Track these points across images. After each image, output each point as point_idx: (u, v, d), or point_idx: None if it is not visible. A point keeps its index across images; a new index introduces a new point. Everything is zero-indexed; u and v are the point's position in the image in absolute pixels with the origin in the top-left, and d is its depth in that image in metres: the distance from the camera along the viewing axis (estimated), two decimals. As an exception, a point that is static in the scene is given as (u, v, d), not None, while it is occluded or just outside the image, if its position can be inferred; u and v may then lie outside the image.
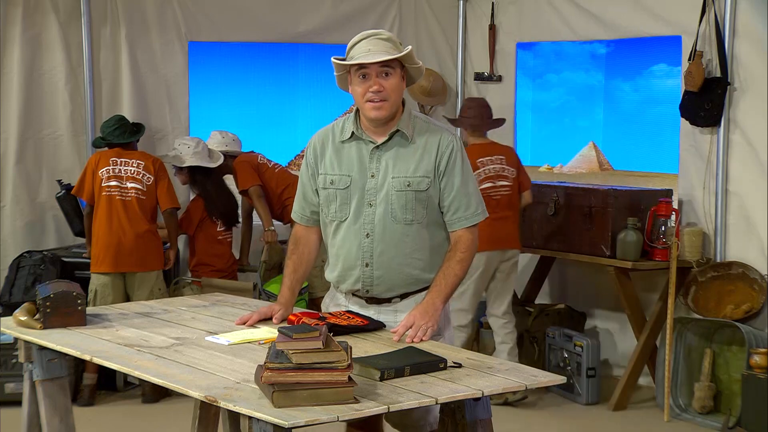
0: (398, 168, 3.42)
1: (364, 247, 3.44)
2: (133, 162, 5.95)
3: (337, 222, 3.49)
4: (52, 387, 3.55)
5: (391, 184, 3.41)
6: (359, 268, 3.46)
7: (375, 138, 3.45)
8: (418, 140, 3.44)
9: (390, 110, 3.38)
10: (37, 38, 6.43)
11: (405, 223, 3.42)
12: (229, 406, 2.61)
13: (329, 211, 3.51)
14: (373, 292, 3.49)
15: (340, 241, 3.49)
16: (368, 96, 3.35)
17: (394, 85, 3.35)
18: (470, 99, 6.48)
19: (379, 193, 3.42)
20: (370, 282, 3.47)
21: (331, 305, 3.63)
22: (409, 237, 3.43)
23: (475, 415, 3.00)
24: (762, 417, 5.03)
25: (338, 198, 3.47)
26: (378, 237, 3.43)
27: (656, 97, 6.60)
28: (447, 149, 3.43)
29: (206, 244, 6.30)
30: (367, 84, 3.34)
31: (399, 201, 3.41)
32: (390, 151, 3.44)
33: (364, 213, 3.44)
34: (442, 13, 7.20)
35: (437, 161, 3.42)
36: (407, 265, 3.45)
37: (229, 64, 7.26)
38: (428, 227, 3.46)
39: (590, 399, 5.98)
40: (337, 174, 3.47)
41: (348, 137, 3.47)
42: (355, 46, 3.38)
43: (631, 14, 6.27)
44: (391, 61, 3.33)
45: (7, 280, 6.13)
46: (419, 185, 3.41)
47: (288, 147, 7.33)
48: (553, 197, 6.11)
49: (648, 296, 6.15)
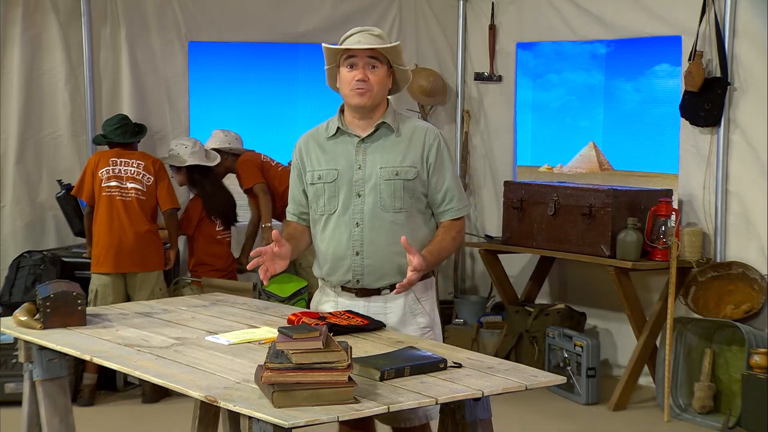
0: (386, 158, 3.52)
1: (354, 236, 3.52)
2: (133, 162, 5.95)
3: (327, 215, 3.57)
4: (52, 387, 3.55)
5: (379, 174, 3.51)
6: (350, 257, 3.52)
7: (359, 132, 3.56)
8: (404, 131, 3.57)
9: (373, 100, 3.50)
10: (37, 38, 6.43)
11: (394, 211, 3.52)
12: (229, 406, 2.62)
13: (318, 206, 3.59)
14: (364, 282, 3.54)
15: (330, 233, 3.57)
16: (353, 84, 3.47)
17: (379, 79, 3.49)
18: None
19: (367, 184, 3.52)
20: (360, 271, 3.53)
21: (322, 300, 3.68)
22: (398, 225, 3.51)
23: (475, 415, 3.00)
24: (762, 417, 5.03)
25: (326, 191, 3.56)
26: (368, 226, 3.51)
27: (658, 97, 6.60)
28: (434, 142, 3.56)
29: (205, 243, 6.30)
30: (353, 73, 3.47)
31: (388, 190, 3.50)
32: (376, 143, 3.55)
33: (353, 203, 3.52)
34: (442, 13, 7.21)
35: (425, 153, 3.54)
36: (397, 254, 3.49)
37: (229, 64, 7.27)
38: (415, 216, 3.55)
39: (590, 399, 5.98)
40: (324, 169, 3.57)
41: (333, 133, 3.59)
42: (347, 39, 3.52)
43: (631, 14, 6.28)
44: (379, 56, 3.48)
45: (7, 280, 6.13)
46: (407, 174, 3.52)
47: (288, 147, 7.26)
48: (553, 197, 6.11)
49: (648, 296, 6.15)
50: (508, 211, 6.38)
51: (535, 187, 6.29)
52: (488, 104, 7.16)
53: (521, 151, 7.18)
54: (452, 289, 7.30)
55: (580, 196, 5.98)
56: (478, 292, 7.32)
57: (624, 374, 5.97)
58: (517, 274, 6.93)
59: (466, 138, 7.19)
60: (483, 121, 7.20)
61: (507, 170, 7.08)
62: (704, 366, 5.64)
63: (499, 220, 6.56)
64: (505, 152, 7.13)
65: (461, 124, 7.24)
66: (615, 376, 6.35)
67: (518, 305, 6.63)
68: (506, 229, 6.42)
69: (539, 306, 6.56)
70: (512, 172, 7.09)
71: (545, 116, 7.33)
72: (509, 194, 6.38)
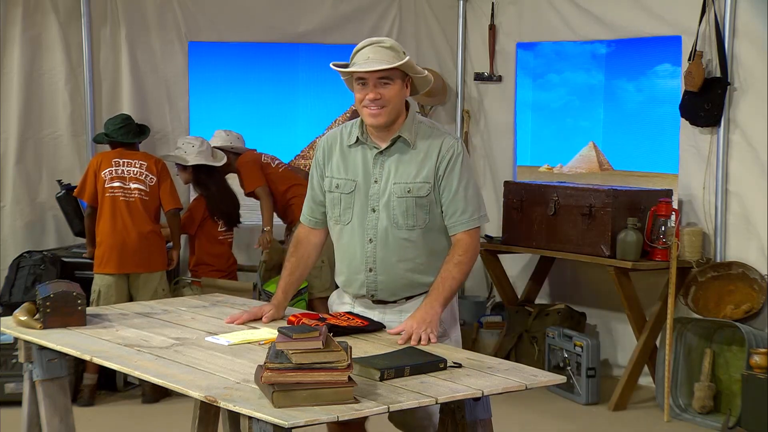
0: (400, 174, 3.44)
1: (367, 252, 3.48)
2: (136, 162, 5.95)
3: (341, 225, 3.54)
4: (52, 387, 3.56)
5: (392, 190, 3.44)
6: (363, 273, 3.50)
7: (379, 143, 3.48)
8: (420, 146, 3.46)
9: (388, 117, 3.40)
10: (37, 38, 6.43)
11: (407, 228, 3.45)
12: (229, 406, 2.62)
13: (333, 214, 3.56)
14: (378, 297, 3.52)
15: (345, 246, 3.54)
16: (365, 103, 3.38)
17: (392, 94, 3.37)
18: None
19: (381, 199, 3.45)
20: (374, 287, 3.50)
21: (337, 302, 3.68)
22: (411, 242, 3.46)
23: (475, 415, 3.01)
24: (762, 417, 5.02)
25: (342, 202, 3.51)
26: (381, 243, 3.46)
27: (659, 97, 6.60)
28: (448, 153, 3.45)
29: (207, 243, 6.30)
30: (365, 91, 3.37)
31: (400, 207, 3.44)
32: (392, 156, 3.47)
33: (368, 218, 3.47)
34: (442, 13, 7.20)
35: (437, 166, 3.44)
36: (410, 270, 3.47)
37: (229, 64, 7.27)
38: (431, 232, 3.48)
39: (590, 399, 5.98)
40: (343, 178, 3.51)
41: (354, 142, 3.51)
42: (358, 53, 3.40)
43: (631, 14, 6.27)
44: (391, 71, 3.35)
45: (7, 280, 6.13)
46: (419, 191, 3.43)
47: (288, 147, 7.33)
48: (553, 197, 6.11)
49: (648, 296, 6.15)
50: (508, 211, 6.38)
51: (535, 187, 6.29)
52: (488, 104, 7.16)
53: (521, 151, 7.18)
54: (452, 289, 7.28)
55: (580, 196, 5.97)
56: (478, 292, 7.32)
57: (624, 374, 5.97)
58: (517, 274, 6.92)
59: (466, 138, 7.18)
60: (483, 121, 7.20)
61: (507, 170, 7.08)
62: (704, 366, 5.64)
63: (499, 220, 6.56)
64: (505, 152, 7.13)
65: (461, 124, 7.23)
66: (615, 376, 6.35)
67: (518, 305, 6.63)
68: (506, 229, 6.42)
69: (539, 306, 6.56)
70: (512, 172, 7.09)
71: (545, 116, 7.33)
72: (509, 194, 6.38)
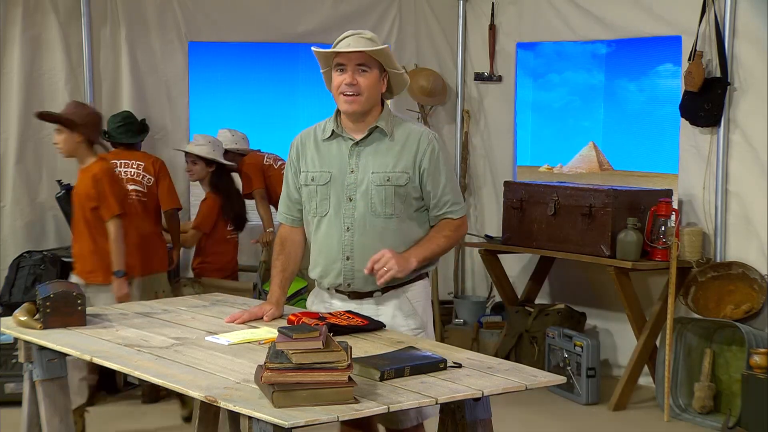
0: (378, 163, 3.51)
1: (344, 240, 3.52)
2: (133, 163, 5.94)
3: (318, 217, 3.58)
4: (52, 387, 3.56)
5: (371, 179, 3.50)
6: (341, 261, 3.53)
7: (354, 135, 3.55)
8: (398, 136, 3.54)
9: (363, 106, 3.47)
10: (37, 38, 6.42)
11: (385, 216, 3.51)
12: (229, 406, 2.62)
13: (310, 207, 3.60)
14: (354, 286, 3.56)
15: (322, 237, 3.58)
16: (342, 88, 3.46)
17: (369, 83, 3.46)
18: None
19: (359, 188, 3.51)
20: (351, 275, 3.54)
21: (316, 302, 3.71)
22: (388, 231, 3.51)
23: (475, 415, 3.00)
24: (762, 417, 5.02)
25: (318, 194, 3.56)
26: (358, 231, 3.51)
27: (660, 97, 6.61)
28: (428, 147, 3.53)
29: (214, 243, 6.27)
30: (342, 77, 3.45)
31: (379, 196, 3.49)
32: (369, 146, 3.54)
33: (344, 207, 3.52)
34: (442, 13, 7.20)
35: (418, 159, 3.52)
36: None
37: (229, 64, 7.28)
38: (405, 222, 3.54)
39: (590, 399, 5.98)
40: (318, 171, 3.58)
41: (329, 135, 3.58)
42: (340, 42, 3.49)
43: (631, 14, 6.28)
44: (369, 60, 3.44)
45: (7, 280, 6.13)
46: (398, 180, 3.50)
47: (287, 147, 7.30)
48: (553, 197, 6.11)
49: (648, 296, 6.15)
50: (508, 211, 6.38)
51: (535, 187, 6.29)
52: (488, 104, 7.16)
53: (521, 151, 7.18)
54: (452, 289, 7.30)
55: (580, 196, 5.97)
56: (478, 292, 7.32)
57: (624, 374, 5.97)
58: (517, 274, 6.92)
59: (466, 138, 7.18)
60: (483, 121, 7.20)
61: (507, 170, 7.08)
62: (704, 366, 5.64)
63: (499, 220, 6.56)
64: (505, 152, 7.13)
65: (461, 124, 7.23)
66: (615, 376, 6.35)
67: (518, 305, 6.62)
68: (506, 229, 6.41)
69: (539, 306, 6.56)
70: (512, 172, 7.09)
71: (545, 116, 7.34)
72: (509, 194, 6.38)
